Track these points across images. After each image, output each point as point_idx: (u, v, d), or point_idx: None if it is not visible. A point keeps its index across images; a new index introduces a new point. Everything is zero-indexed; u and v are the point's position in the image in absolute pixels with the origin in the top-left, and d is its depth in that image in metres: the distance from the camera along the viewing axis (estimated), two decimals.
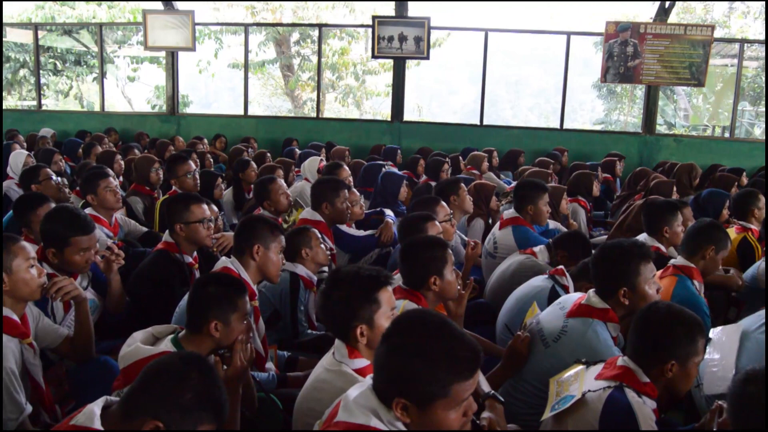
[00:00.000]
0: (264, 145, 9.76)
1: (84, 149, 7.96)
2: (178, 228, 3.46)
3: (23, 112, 13.44)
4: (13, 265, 2.49)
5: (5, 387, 2.35)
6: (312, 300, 3.59)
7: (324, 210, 4.20)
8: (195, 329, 2.31)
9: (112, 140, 9.81)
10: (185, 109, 11.86)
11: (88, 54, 17.91)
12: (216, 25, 15.87)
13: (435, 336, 1.67)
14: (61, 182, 4.83)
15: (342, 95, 18.61)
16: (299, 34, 17.94)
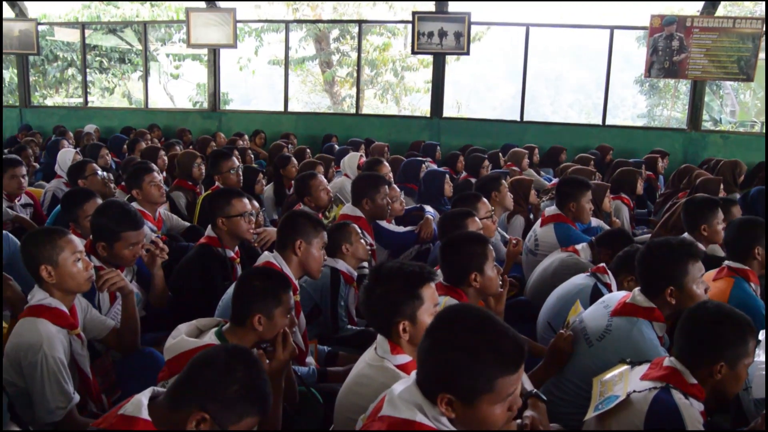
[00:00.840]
0: (303, 141, 9.82)
1: (128, 145, 8.12)
2: (220, 222, 3.51)
3: (70, 109, 13.77)
4: (60, 259, 2.54)
5: (54, 376, 2.41)
6: (352, 295, 3.60)
7: (364, 206, 4.21)
8: (239, 322, 2.34)
9: (155, 136, 10.00)
10: (226, 105, 12.00)
11: (132, 52, 18.27)
12: (257, 23, 16.00)
13: (480, 330, 1.65)
14: (106, 177, 4.93)
15: (381, 92, 18.62)
16: (339, 31, 18.00)
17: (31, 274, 2.58)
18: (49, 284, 2.55)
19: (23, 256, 2.60)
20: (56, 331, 2.49)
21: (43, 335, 2.42)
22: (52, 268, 2.53)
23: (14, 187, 4.85)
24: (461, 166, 7.23)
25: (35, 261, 2.53)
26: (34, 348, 2.40)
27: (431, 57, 10.71)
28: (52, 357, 2.40)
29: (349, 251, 3.54)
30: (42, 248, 2.53)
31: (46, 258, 2.52)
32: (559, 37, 27.59)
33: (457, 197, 4.23)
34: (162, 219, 4.43)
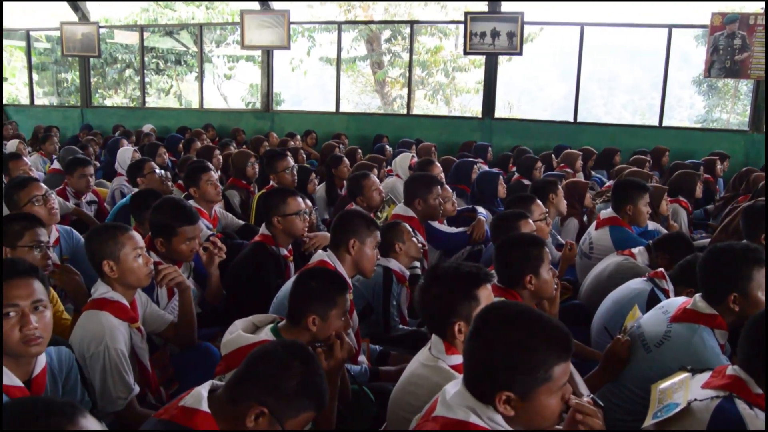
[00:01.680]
0: (354, 141, 9.88)
1: (184, 144, 8.32)
2: (275, 220, 3.56)
3: (128, 110, 14.19)
4: (121, 254, 2.62)
5: (116, 367, 2.48)
6: (404, 295, 3.61)
7: (417, 206, 4.21)
8: (294, 321, 2.37)
9: (209, 136, 10.21)
10: (278, 106, 12.17)
11: (188, 54, 18.70)
12: (310, 24, 16.16)
13: (525, 322, 1.65)
14: (164, 175, 5.06)
15: (431, 92, 18.58)
16: (390, 31, 18.04)
17: (94, 268, 2.67)
18: (111, 279, 2.63)
19: (87, 251, 2.69)
20: (118, 323, 2.57)
21: (106, 327, 2.50)
22: (114, 263, 2.61)
23: (83, 186, 5.08)
24: (513, 168, 7.16)
25: (98, 256, 2.62)
26: (97, 339, 2.48)
27: (483, 57, 10.64)
28: (114, 349, 2.48)
29: (402, 250, 3.54)
30: (104, 244, 2.61)
31: (109, 253, 2.60)
32: (613, 36, 27.05)
33: (510, 199, 4.19)
34: (217, 217, 4.52)
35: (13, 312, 1.94)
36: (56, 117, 12.88)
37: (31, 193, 3.58)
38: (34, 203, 3.56)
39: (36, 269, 2.06)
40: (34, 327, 1.96)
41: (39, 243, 2.88)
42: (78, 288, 3.09)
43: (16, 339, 1.94)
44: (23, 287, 1.97)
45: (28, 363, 2.06)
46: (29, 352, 1.99)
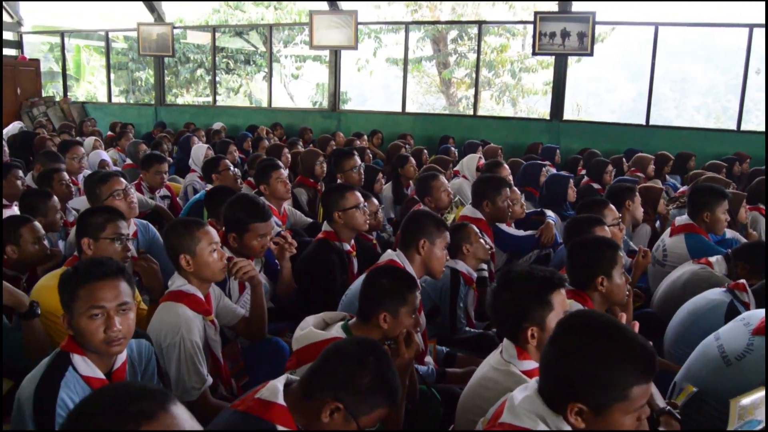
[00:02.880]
0: (420, 142, 9.87)
1: (252, 142, 8.49)
2: (336, 216, 3.61)
3: (199, 108, 14.57)
4: (197, 249, 2.70)
5: (190, 358, 2.56)
6: (471, 297, 3.59)
7: (485, 208, 4.18)
8: (365, 318, 2.39)
9: (277, 134, 10.39)
10: (344, 105, 12.28)
11: (257, 54, 19.08)
12: (377, 24, 16.25)
13: (610, 336, 1.60)
14: (236, 173, 5.18)
15: (498, 93, 18.40)
16: (457, 31, 17.94)
17: (172, 261, 2.76)
18: (188, 272, 2.71)
19: (165, 245, 2.78)
20: (193, 316, 2.64)
21: (182, 319, 2.58)
22: (191, 257, 2.69)
23: (158, 182, 5.31)
24: (582, 171, 7.01)
25: (176, 250, 2.70)
26: (173, 330, 2.56)
27: (552, 58, 10.45)
28: (189, 340, 2.55)
29: (470, 252, 3.52)
30: (182, 238, 2.69)
31: (186, 248, 2.68)
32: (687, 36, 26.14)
33: (582, 203, 4.11)
34: (287, 214, 4.60)
35: (99, 313, 2.03)
36: (131, 114, 13.35)
37: (113, 187, 3.72)
38: (115, 197, 3.69)
39: (123, 269, 2.14)
40: (117, 329, 2.04)
41: (120, 235, 2.99)
42: (156, 278, 3.19)
43: (100, 339, 2.04)
44: (110, 289, 2.06)
45: (110, 357, 2.14)
46: (110, 352, 2.09)
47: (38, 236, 3.35)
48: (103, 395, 1.28)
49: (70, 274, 2.07)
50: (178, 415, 1.23)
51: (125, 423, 1.18)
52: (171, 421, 1.21)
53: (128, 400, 1.22)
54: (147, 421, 1.19)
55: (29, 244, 3.30)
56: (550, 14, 9.98)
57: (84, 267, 2.09)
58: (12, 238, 3.29)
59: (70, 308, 2.04)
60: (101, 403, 1.24)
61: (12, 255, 3.23)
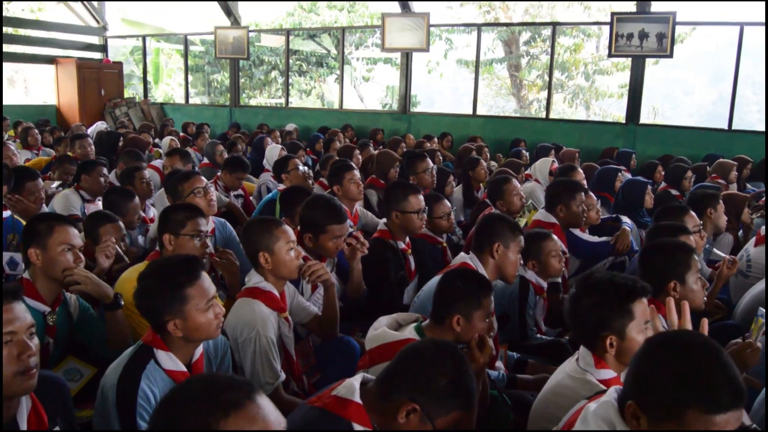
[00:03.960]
0: (490, 144, 9.78)
1: (324, 143, 8.61)
2: (394, 215, 3.63)
3: (272, 109, 14.86)
4: (275, 247, 2.76)
5: (265, 353, 2.61)
6: (541, 306, 3.53)
7: (558, 212, 4.10)
8: (438, 321, 2.38)
9: (348, 136, 10.50)
10: (413, 108, 12.29)
11: (329, 56, 19.34)
12: (450, 26, 16.18)
13: (708, 359, 1.49)
14: (306, 172, 5.26)
15: (570, 96, 18.02)
16: (530, 33, 17.69)
17: (249, 259, 2.82)
18: (265, 269, 2.77)
19: (244, 242, 2.85)
20: (269, 312, 2.70)
21: (258, 315, 2.64)
22: (269, 255, 2.75)
23: (236, 186, 5.56)
24: (660, 177, 6.78)
25: (254, 247, 2.76)
26: (250, 326, 2.62)
27: (628, 60, 10.15)
28: (264, 336, 2.61)
29: (536, 268, 3.46)
30: (261, 236, 2.76)
31: (264, 245, 2.74)
32: None
33: (662, 209, 3.97)
34: (358, 215, 4.63)
35: (211, 305, 2.17)
36: (207, 115, 13.75)
37: (194, 185, 3.85)
38: (196, 194, 3.82)
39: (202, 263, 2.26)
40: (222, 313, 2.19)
41: (199, 232, 3.08)
42: (235, 274, 3.27)
43: (215, 326, 2.17)
44: (209, 281, 2.20)
45: (191, 350, 2.22)
46: (216, 335, 2.22)
47: (117, 237, 3.49)
48: (193, 385, 1.33)
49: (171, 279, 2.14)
50: (263, 406, 1.27)
51: (214, 411, 1.22)
52: (257, 411, 1.25)
53: (217, 389, 1.26)
54: (235, 410, 1.23)
55: None
56: (628, 15, 9.71)
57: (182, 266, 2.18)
58: (93, 235, 3.45)
59: (179, 310, 2.11)
60: (191, 392, 1.28)
61: (91, 249, 3.37)
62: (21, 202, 4.11)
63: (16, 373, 1.69)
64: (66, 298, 2.81)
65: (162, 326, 2.13)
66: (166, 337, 2.15)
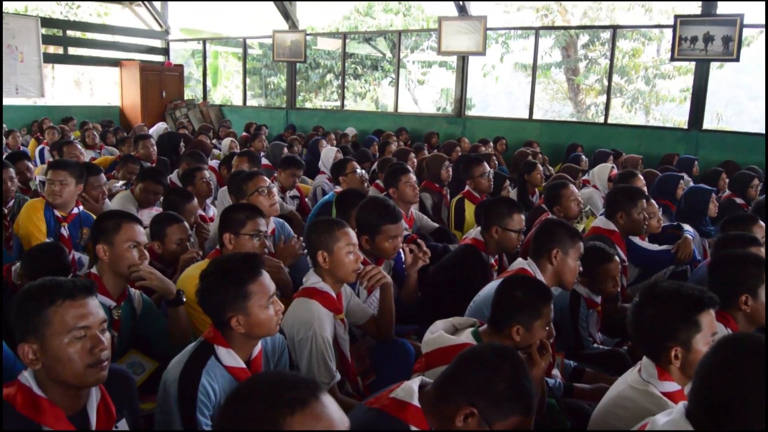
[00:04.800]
0: (546, 149, 9.65)
1: (379, 147, 8.64)
2: (493, 230, 3.58)
3: (328, 112, 14.98)
4: (335, 248, 2.78)
5: (321, 353, 2.64)
6: (594, 318, 3.46)
7: (618, 219, 4.01)
8: (496, 328, 2.36)
9: (403, 139, 10.50)
10: (468, 111, 12.20)
11: (384, 59, 19.42)
12: (507, 30, 16.06)
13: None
14: (363, 175, 5.29)
15: (630, 100, 17.62)
16: (588, 37, 17.38)
17: (310, 257, 2.86)
18: (323, 270, 2.80)
19: (306, 241, 2.89)
20: (326, 313, 2.73)
21: (315, 315, 2.67)
22: (328, 255, 2.77)
23: (290, 184, 5.60)
24: (723, 185, 6.56)
25: (315, 246, 2.80)
26: (306, 326, 2.65)
27: (690, 64, 9.85)
28: (321, 336, 2.64)
29: (588, 287, 3.39)
30: (322, 236, 2.79)
31: (324, 245, 2.77)
32: None
33: (728, 218, 3.83)
34: (414, 218, 4.64)
35: (272, 301, 2.22)
36: (264, 117, 13.96)
37: (258, 185, 3.93)
38: (260, 193, 3.89)
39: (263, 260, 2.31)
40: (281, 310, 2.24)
41: (259, 232, 3.13)
42: (285, 278, 3.32)
43: (275, 323, 2.23)
44: (269, 278, 2.26)
45: (250, 347, 2.26)
46: (275, 332, 2.27)
47: (182, 237, 3.59)
48: (260, 381, 1.35)
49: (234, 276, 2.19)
50: (328, 405, 1.29)
51: (281, 408, 1.25)
52: (322, 410, 1.27)
53: (284, 387, 1.29)
54: (301, 407, 1.25)
55: (173, 243, 3.54)
56: (692, 17, 9.43)
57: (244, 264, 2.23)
58: (159, 235, 3.55)
59: (241, 306, 2.16)
60: (258, 389, 1.31)
61: (157, 250, 3.47)
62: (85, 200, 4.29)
63: (88, 366, 1.75)
64: (130, 293, 2.90)
65: (224, 322, 2.17)
66: (227, 334, 2.19)
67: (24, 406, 1.72)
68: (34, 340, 1.74)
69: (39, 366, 1.75)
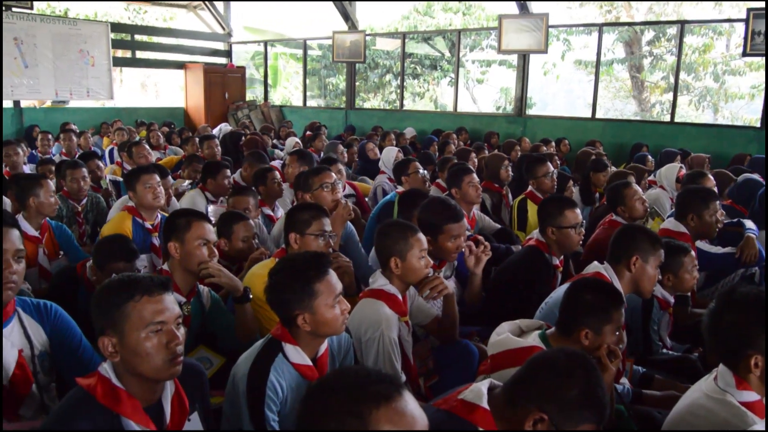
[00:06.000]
0: (610, 149, 9.44)
1: (439, 146, 8.61)
2: (549, 231, 3.53)
3: (387, 112, 15.01)
4: (408, 254, 2.80)
5: (387, 354, 2.65)
6: (666, 321, 3.36)
7: (689, 222, 3.88)
8: (565, 332, 2.32)
9: (462, 139, 10.44)
10: (528, 110, 12.02)
11: (443, 59, 19.35)
12: (569, 27, 15.75)
13: None
14: (425, 175, 5.28)
15: (697, 98, 17.03)
16: (654, 33, 16.88)
17: (380, 261, 2.88)
18: (394, 274, 2.81)
19: (378, 244, 2.90)
20: (392, 314, 2.74)
21: (383, 316, 2.69)
22: (401, 261, 2.79)
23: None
24: None
25: (388, 251, 2.82)
26: (374, 326, 2.66)
27: (763, 59, 9.45)
28: (388, 336, 2.65)
29: (671, 282, 3.29)
30: (396, 242, 2.81)
31: (398, 252, 2.80)
32: None
33: None
34: (475, 218, 4.60)
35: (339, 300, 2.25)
36: (323, 117, 14.11)
37: (323, 180, 3.97)
38: (324, 189, 3.93)
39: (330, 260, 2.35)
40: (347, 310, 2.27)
41: (324, 232, 3.17)
42: (347, 275, 3.33)
43: (341, 322, 2.25)
44: (336, 277, 2.29)
45: (317, 345, 2.28)
46: (341, 331, 2.30)
47: (248, 235, 3.66)
48: (345, 374, 1.37)
49: (301, 274, 2.23)
50: (410, 402, 1.30)
51: (367, 401, 1.26)
52: (405, 406, 1.28)
53: (369, 381, 1.30)
54: (385, 401, 1.27)
55: (239, 240, 3.62)
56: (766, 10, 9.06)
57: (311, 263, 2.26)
58: (226, 233, 3.63)
59: (308, 305, 2.19)
60: (343, 381, 1.33)
61: (223, 248, 3.55)
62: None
63: (164, 360, 1.81)
64: (199, 289, 2.98)
65: (291, 320, 2.20)
66: (294, 332, 2.23)
67: (104, 396, 1.78)
68: (113, 334, 1.80)
69: (118, 359, 1.81)
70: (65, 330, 2.38)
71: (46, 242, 3.97)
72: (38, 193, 3.93)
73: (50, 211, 4.03)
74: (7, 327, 2.24)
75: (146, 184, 4.13)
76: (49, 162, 6.34)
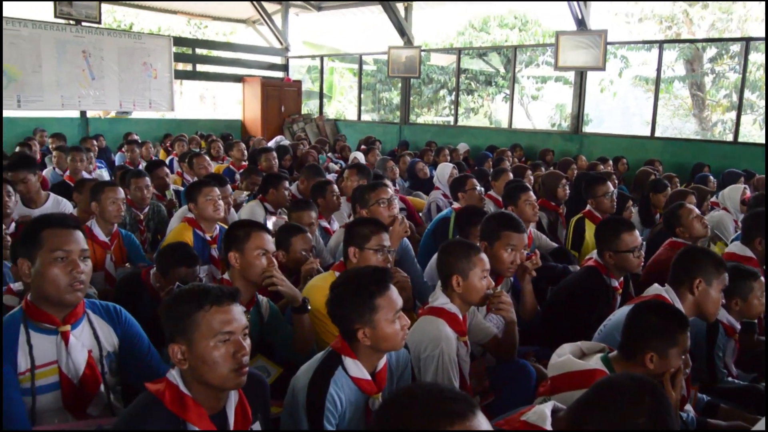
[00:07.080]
0: (669, 169, 9.19)
1: (493, 163, 8.57)
2: (607, 255, 3.47)
3: (441, 127, 15.03)
4: (470, 273, 2.80)
5: (446, 371, 2.65)
6: (731, 348, 3.24)
7: (757, 246, 3.76)
8: (628, 355, 2.27)
9: (517, 156, 10.35)
10: (585, 127, 11.83)
11: (498, 75, 19.28)
12: (628, 44, 15.49)
13: None
14: (481, 192, 5.26)
15: (762, 117, 16.50)
16: (716, 49, 16.47)
17: (441, 278, 2.88)
18: (455, 292, 2.81)
19: (440, 261, 2.90)
20: (451, 333, 2.73)
21: (443, 334, 2.69)
22: (462, 280, 2.79)
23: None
24: None
25: (449, 269, 2.82)
26: (434, 343, 2.66)
27: None
28: (447, 354, 2.65)
29: (739, 307, 3.18)
30: (459, 260, 2.81)
31: (460, 270, 2.80)
32: None
33: None
34: (532, 237, 4.55)
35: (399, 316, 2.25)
36: (377, 131, 14.19)
37: (379, 195, 3.99)
38: (380, 204, 3.95)
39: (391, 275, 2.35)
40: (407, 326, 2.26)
41: (382, 247, 3.18)
42: (406, 290, 3.34)
43: (401, 337, 2.25)
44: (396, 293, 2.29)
45: (376, 360, 2.29)
46: (400, 346, 2.29)
47: (306, 247, 3.70)
48: (419, 390, 1.38)
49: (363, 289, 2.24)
50: (482, 421, 1.31)
51: (441, 417, 1.28)
52: (477, 425, 1.29)
53: (443, 398, 1.31)
54: (460, 420, 1.28)
55: (297, 252, 3.67)
56: None
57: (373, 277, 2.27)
58: (284, 245, 3.68)
59: (368, 319, 2.20)
60: (417, 398, 1.34)
61: (281, 259, 3.60)
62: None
63: (231, 370, 1.84)
64: (258, 299, 3.02)
65: (351, 334, 2.22)
66: (354, 345, 2.24)
67: (172, 402, 1.82)
68: (182, 342, 1.85)
69: (186, 366, 1.85)
70: (135, 335, 2.45)
71: (114, 249, 4.09)
72: (101, 198, 4.07)
73: (116, 218, 4.15)
74: (77, 328, 2.31)
75: (207, 197, 4.21)
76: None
